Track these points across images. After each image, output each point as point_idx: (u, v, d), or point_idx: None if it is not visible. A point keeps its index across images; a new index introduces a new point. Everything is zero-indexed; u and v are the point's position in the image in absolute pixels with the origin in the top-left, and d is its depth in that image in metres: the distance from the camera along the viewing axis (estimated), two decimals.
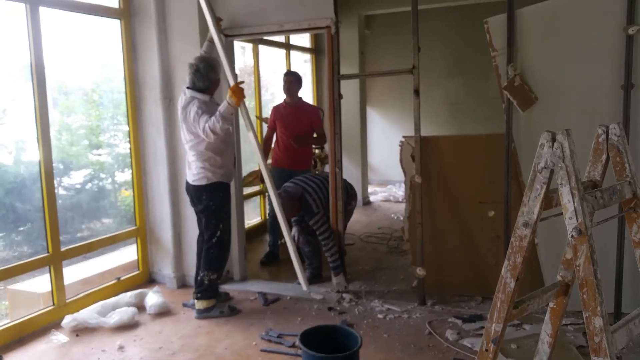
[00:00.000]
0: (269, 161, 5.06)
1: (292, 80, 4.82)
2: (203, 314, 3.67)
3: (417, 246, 3.76)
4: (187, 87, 3.60)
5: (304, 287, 3.54)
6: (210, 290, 3.70)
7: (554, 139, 1.62)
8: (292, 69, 6.26)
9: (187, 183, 3.72)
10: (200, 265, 3.74)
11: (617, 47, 3.14)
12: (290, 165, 4.81)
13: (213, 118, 3.39)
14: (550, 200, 1.70)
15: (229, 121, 3.42)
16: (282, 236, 5.16)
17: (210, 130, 3.39)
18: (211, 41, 3.78)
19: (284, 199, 3.99)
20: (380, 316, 3.60)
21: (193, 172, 3.63)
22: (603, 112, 3.23)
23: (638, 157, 3.13)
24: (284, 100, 4.91)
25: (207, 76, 3.52)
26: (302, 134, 4.80)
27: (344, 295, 3.95)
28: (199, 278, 3.72)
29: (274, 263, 4.87)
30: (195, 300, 3.71)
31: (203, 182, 3.60)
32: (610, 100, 3.21)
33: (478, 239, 3.79)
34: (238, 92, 3.35)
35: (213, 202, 3.62)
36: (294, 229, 4.43)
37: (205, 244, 3.72)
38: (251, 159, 5.97)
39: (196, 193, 3.66)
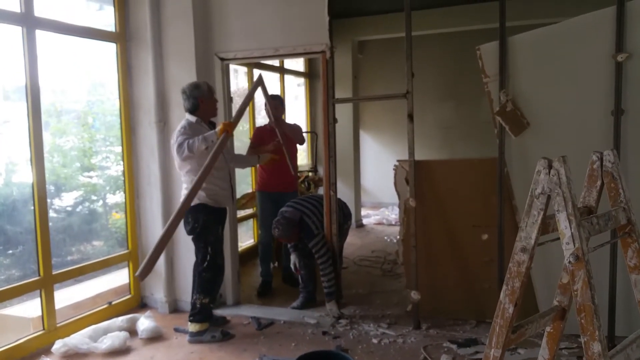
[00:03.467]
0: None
1: (278, 105, 4.81)
2: (195, 337, 3.63)
3: (412, 269, 3.76)
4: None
5: None
6: (202, 314, 3.67)
7: (550, 166, 1.64)
8: (286, 93, 6.30)
9: None
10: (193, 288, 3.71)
11: (607, 73, 3.21)
12: (278, 188, 4.75)
13: (199, 137, 3.43)
14: (547, 225, 1.72)
15: (207, 143, 3.41)
16: (274, 260, 5.15)
17: (187, 149, 3.41)
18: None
19: (282, 225, 3.97)
20: (375, 341, 3.57)
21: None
22: (594, 137, 3.29)
23: (629, 182, 3.16)
24: (268, 123, 4.84)
25: (191, 94, 3.58)
26: (291, 154, 4.72)
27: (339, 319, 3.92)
28: (191, 301, 3.69)
29: (270, 293, 4.73)
30: (189, 323, 3.68)
31: None
32: (601, 125, 3.26)
33: (472, 262, 3.79)
34: (229, 125, 3.40)
35: (197, 224, 3.61)
36: (292, 257, 4.37)
37: (198, 267, 3.69)
38: (244, 181, 5.97)
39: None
